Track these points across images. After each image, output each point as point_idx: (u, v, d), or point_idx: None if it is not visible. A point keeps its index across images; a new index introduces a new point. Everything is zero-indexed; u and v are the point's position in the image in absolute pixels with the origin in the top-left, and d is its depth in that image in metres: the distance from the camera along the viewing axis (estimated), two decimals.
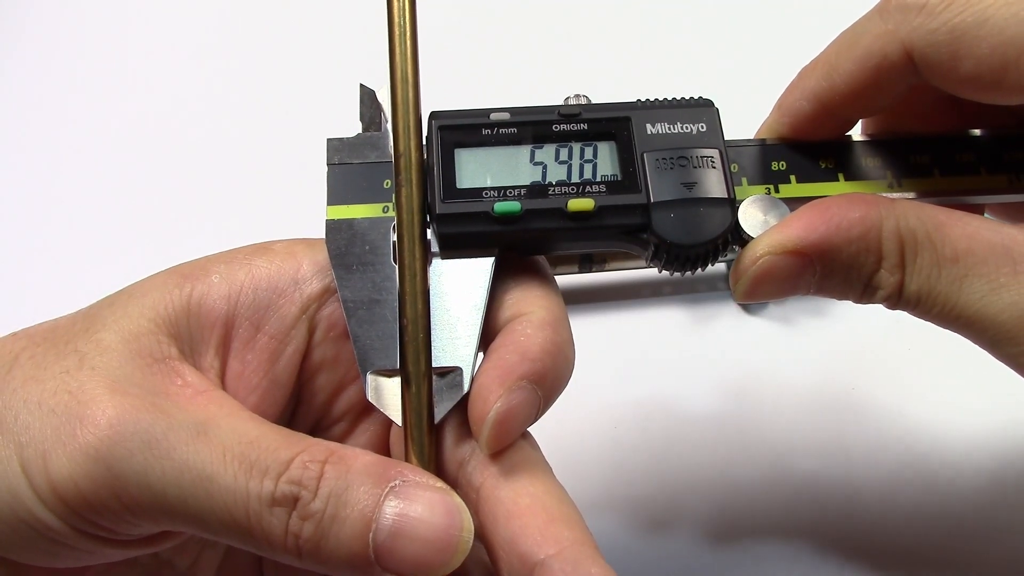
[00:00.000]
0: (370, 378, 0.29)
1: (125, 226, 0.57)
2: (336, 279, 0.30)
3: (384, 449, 0.32)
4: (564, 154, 0.31)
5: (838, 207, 0.29)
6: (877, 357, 0.50)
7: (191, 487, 0.25)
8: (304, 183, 0.58)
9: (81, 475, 0.25)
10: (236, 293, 0.30)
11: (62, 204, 0.59)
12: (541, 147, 0.31)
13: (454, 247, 0.30)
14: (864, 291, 0.29)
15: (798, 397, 0.49)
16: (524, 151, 0.31)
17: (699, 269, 0.31)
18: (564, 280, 0.53)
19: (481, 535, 0.28)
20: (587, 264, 0.52)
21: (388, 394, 0.29)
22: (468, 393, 0.29)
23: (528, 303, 0.30)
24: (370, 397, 0.29)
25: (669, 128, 0.31)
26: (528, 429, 0.30)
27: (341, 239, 0.30)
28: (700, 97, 0.32)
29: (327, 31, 0.67)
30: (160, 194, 0.59)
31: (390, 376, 0.29)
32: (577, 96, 0.32)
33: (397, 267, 0.29)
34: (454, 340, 0.29)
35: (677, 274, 0.31)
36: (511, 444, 0.28)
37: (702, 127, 0.31)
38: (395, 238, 0.30)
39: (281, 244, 0.31)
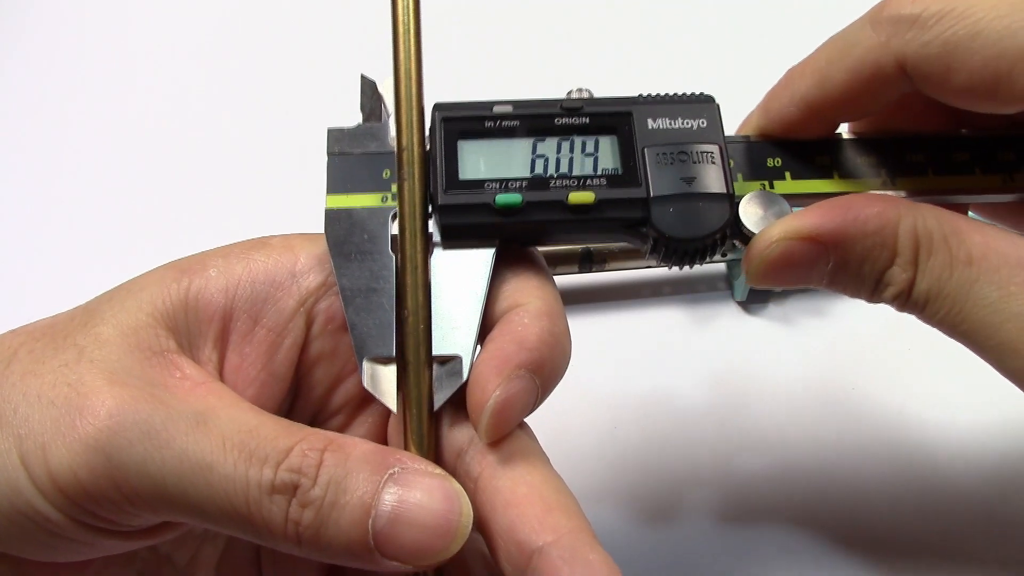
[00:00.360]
0: (367, 365, 0.29)
1: (123, 224, 0.57)
2: (334, 267, 0.30)
3: (381, 442, 0.32)
4: (566, 147, 0.31)
5: (858, 202, 0.29)
6: (877, 357, 0.50)
7: (191, 476, 0.25)
8: (300, 178, 0.58)
9: (81, 466, 0.26)
10: (234, 287, 0.30)
11: (60, 202, 0.59)
12: (543, 140, 0.31)
13: (455, 238, 0.30)
14: (875, 287, 0.29)
15: (798, 396, 0.49)
16: (526, 144, 0.31)
17: (698, 263, 0.31)
18: (564, 280, 0.53)
19: (479, 524, 0.28)
20: (587, 264, 0.52)
21: (384, 381, 0.29)
22: (466, 382, 0.29)
23: (525, 294, 0.30)
24: (366, 384, 0.29)
25: (670, 123, 0.31)
26: (527, 424, 0.30)
27: (340, 228, 0.30)
28: (701, 93, 0.32)
29: (326, 24, 0.68)
30: (157, 192, 0.59)
31: (387, 363, 0.29)
32: (580, 90, 0.32)
33: (399, 258, 0.30)
34: (454, 329, 0.29)
35: (676, 267, 0.31)
36: (509, 433, 0.28)
37: (703, 123, 0.31)
38: (394, 228, 0.30)
39: (278, 239, 0.32)
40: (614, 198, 0.30)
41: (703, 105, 0.32)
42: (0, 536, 0.27)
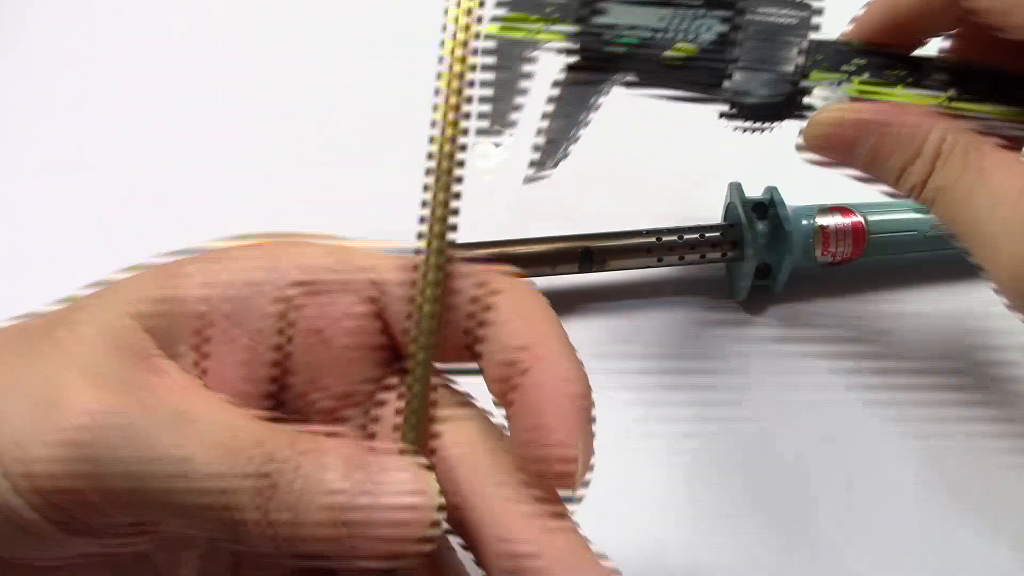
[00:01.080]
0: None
1: (134, 224, 0.57)
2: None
3: None
4: (682, 15, 0.40)
5: (903, 105, 0.36)
6: (877, 360, 0.51)
7: (171, 476, 0.25)
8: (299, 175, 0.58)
9: (59, 465, 0.25)
10: (214, 290, 0.29)
11: (79, 198, 0.58)
12: (667, 8, 0.40)
13: (585, 62, 0.39)
14: (898, 177, 0.35)
15: (797, 397, 0.49)
16: (653, 7, 0.40)
17: (759, 130, 0.39)
18: (564, 280, 0.53)
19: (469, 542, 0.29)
20: (587, 264, 0.52)
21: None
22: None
23: (542, 347, 0.29)
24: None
25: (771, 14, 0.39)
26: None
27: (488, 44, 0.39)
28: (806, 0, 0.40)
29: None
30: (151, 185, 0.59)
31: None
32: None
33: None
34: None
35: (748, 132, 0.39)
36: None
37: (797, 20, 0.39)
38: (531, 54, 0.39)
39: (268, 242, 0.31)
40: (707, 59, 0.39)
41: (804, 9, 0.39)
42: None
